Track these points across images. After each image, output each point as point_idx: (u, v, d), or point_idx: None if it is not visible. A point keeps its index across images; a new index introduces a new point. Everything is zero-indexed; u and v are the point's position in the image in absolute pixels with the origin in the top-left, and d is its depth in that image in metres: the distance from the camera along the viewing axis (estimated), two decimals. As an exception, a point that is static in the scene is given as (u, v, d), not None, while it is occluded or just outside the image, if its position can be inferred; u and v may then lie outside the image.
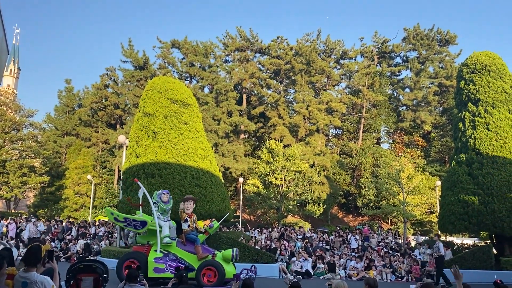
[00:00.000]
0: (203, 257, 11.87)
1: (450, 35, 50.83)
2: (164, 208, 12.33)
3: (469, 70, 19.18)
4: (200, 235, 12.56)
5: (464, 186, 17.48)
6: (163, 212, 12.30)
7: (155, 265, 11.67)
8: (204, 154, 18.23)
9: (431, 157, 47.28)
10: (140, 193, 12.59)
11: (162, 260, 11.82)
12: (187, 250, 12.10)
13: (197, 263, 11.80)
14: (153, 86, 18.49)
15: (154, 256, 11.83)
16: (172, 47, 47.14)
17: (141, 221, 11.86)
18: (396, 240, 24.75)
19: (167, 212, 12.50)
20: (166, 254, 11.92)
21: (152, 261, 11.73)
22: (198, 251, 11.94)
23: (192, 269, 11.68)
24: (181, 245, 12.22)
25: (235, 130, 45.23)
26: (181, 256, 11.97)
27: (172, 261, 11.84)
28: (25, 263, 4.35)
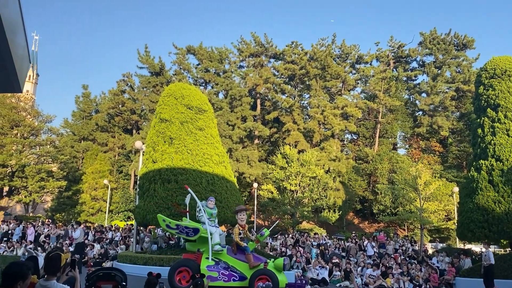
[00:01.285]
0: (255, 265, 11.54)
1: (467, 39, 50.13)
2: (211, 212, 12.21)
3: (488, 75, 18.85)
4: (250, 243, 12.27)
5: (484, 193, 17.13)
6: (210, 216, 12.13)
7: (208, 273, 11.31)
8: (219, 160, 18.28)
9: (448, 163, 46.54)
10: (187, 200, 12.53)
11: (215, 268, 11.52)
12: (238, 259, 11.79)
13: (249, 272, 11.47)
14: (170, 92, 18.63)
15: (206, 264, 11.53)
16: (187, 53, 47.53)
17: (193, 228, 11.66)
18: (413, 247, 24.37)
19: (214, 217, 12.40)
20: (217, 262, 11.66)
21: (205, 269, 11.40)
22: (250, 260, 11.60)
23: (244, 277, 11.45)
24: (231, 253, 11.95)
25: (249, 135, 45.25)
26: (232, 264, 11.68)
27: (225, 270, 11.54)
28: (45, 271, 4.38)
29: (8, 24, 3.91)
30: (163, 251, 18.24)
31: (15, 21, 4.29)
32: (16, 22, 4.36)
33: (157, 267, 15.12)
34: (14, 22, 4.23)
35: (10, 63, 4.57)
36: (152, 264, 15.73)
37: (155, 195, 16.90)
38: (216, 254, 11.68)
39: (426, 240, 31.82)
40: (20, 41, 4.75)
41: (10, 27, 4.06)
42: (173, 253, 17.07)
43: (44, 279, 4.26)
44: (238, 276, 11.47)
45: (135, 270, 15.50)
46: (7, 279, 3.57)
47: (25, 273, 3.63)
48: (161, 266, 15.28)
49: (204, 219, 11.75)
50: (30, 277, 3.72)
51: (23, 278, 3.60)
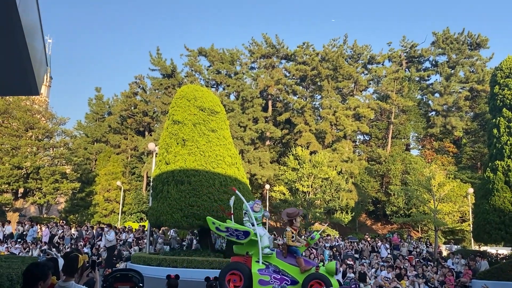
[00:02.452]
0: (307, 269, 11.13)
1: (481, 38, 49.50)
2: (256, 216, 12.15)
3: (504, 75, 18.61)
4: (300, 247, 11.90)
5: (501, 194, 16.90)
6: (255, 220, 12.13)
7: (260, 277, 11.03)
8: (231, 161, 18.28)
9: (463, 163, 45.96)
10: (231, 202, 12.48)
11: (266, 272, 11.15)
12: (288, 262, 11.42)
13: (300, 276, 11.12)
14: (182, 94, 18.70)
15: (257, 267, 11.16)
16: (199, 55, 47.73)
17: (244, 231, 11.31)
18: (427, 249, 24.10)
19: (259, 221, 12.31)
20: (268, 265, 11.32)
21: (257, 272, 11.05)
22: (301, 263, 11.22)
23: (295, 281, 11.13)
24: (281, 256, 11.58)
25: (260, 136, 45.24)
26: (283, 268, 11.31)
27: (276, 273, 11.18)
28: (64, 272, 4.42)
29: (27, 29, 3.96)
30: (176, 252, 18.30)
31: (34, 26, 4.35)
32: (35, 27, 4.42)
33: (171, 268, 15.17)
34: (33, 27, 4.29)
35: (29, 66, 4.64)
36: (165, 265, 15.79)
37: (168, 197, 16.95)
38: (265, 258, 11.35)
39: (441, 242, 31.45)
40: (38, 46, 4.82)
41: (30, 32, 4.12)
42: (186, 254, 17.13)
43: (62, 280, 4.30)
44: (290, 280, 11.13)
45: (149, 271, 15.58)
46: (29, 279, 3.62)
47: (46, 273, 3.67)
48: (175, 267, 15.33)
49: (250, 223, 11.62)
50: (50, 277, 3.76)
51: (44, 278, 3.64)
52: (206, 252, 17.36)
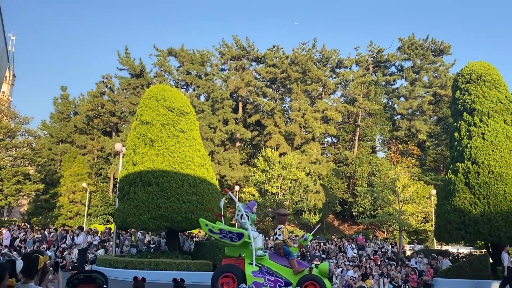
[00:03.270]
0: (300, 271, 11.21)
1: (444, 45, 51.31)
2: (253, 217, 12.04)
3: (465, 80, 19.34)
4: (292, 248, 11.99)
5: (461, 195, 17.51)
6: (252, 223, 12.00)
7: (254, 279, 10.99)
8: (201, 162, 18.22)
9: (426, 165, 47.45)
10: (222, 203, 12.29)
11: (260, 274, 11.14)
12: (281, 264, 11.42)
13: (294, 278, 11.16)
14: (151, 94, 18.50)
15: (251, 269, 11.13)
16: (168, 55, 47.26)
17: (237, 233, 11.21)
18: (392, 249, 24.73)
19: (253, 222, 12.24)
20: (261, 267, 11.30)
21: (250, 275, 11.01)
22: (294, 265, 11.26)
23: (288, 283, 11.16)
24: (274, 258, 11.58)
25: (231, 138, 45.23)
26: (276, 269, 11.32)
27: (270, 275, 11.19)
28: (23, 274, 4.30)
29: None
30: (143, 254, 18.05)
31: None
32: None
33: (137, 271, 14.98)
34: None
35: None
36: (132, 267, 15.57)
37: (135, 198, 16.72)
38: (258, 259, 11.34)
39: (405, 242, 32.31)
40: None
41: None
42: (153, 256, 16.93)
43: (21, 282, 4.19)
44: (283, 282, 11.17)
45: (115, 274, 15.31)
46: None
47: (2, 274, 3.57)
48: (142, 270, 15.15)
49: (247, 225, 11.39)
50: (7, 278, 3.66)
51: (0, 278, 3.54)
52: (174, 254, 17.22)
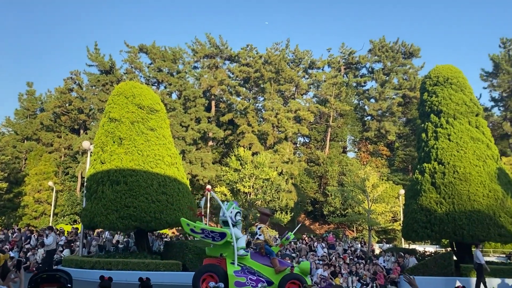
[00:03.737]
0: (281, 270, 11.29)
1: (414, 48, 52.60)
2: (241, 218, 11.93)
3: (432, 83, 19.82)
4: (274, 247, 12.03)
5: (427, 195, 17.94)
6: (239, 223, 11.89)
7: (236, 279, 11.02)
8: (171, 161, 17.95)
9: (395, 166, 48.53)
10: (202, 202, 12.08)
11: (242, 273, 11.18)
12: (262, 263, 11.48)
13: (276, 277, 11.23)
14: (120, 91, 18.09)
15: (233, 269, 11.18)
16: (139, 52, 46.51)
17: (220, 232, 11.25)
18: (362, 248, 25.11)
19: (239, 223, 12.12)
20: (243, 267, 11.33)
21: (233, 274, 11.06)
22: (276, 264, 11.36)
23: (270, 282, 11.18)
24: (255, 257, 11.62)
25: (203, 137, 44.92)
26: (257, 269, 11.36)
27: (252, 275, 11.22)
28: None
29: None
30: (111, 254, 17.66)
31: None
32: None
33: (105, 271, 14.63)
34: None
35: None
36: (99, 268, 15.20)
37: (103, 197, 16.32)
38: (240, 259, 11.34)
39: (374, 241, 32.91)
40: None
41: None
42: (121, 256, 16.58)
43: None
44: (265, 281, 11.20)
45: (81, 274, 14.94)
46: None
47: None
48: (109, 270, 14.82)
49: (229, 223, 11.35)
50: None
51: None
52: (143, 254, 16.92)
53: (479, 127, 18.87)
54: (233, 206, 11.75)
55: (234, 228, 11.43)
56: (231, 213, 11.60)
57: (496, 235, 16.81)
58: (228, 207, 11.71)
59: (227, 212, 11.52)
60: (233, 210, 11.68)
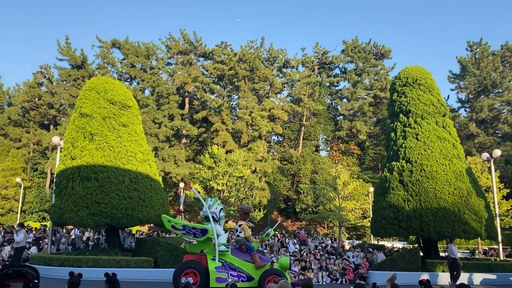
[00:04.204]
0: (262, 265, 11.43)
1: (385, 49, 53.77)
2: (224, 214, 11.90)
3: (402, 83, 20.38)
4: (254, 243, 12.13)
5: (395, 192, 18.47)
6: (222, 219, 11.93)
7: (217, 275, 11.09)
8: (143, 158, 17.84)
9: (365, 164, 49.56)
10: (182, 199, 12.00)
11: (223, 269, 11.27)
12: (243, 259, 11.58)
13: (255, 272, 11.34)
14: (91, 86, 17.83)
15: (214, 265, 11.25)
16: (112, 47, 45.69)
17: (201, 229, 11.25)
18: (332, 244, 25.59)
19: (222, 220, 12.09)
20: (224, 263, 11.42)
21: (214, 270, 11.13)
22: (256, 260, 11.48)
23: (251, 278, 11.26)
24: (236, 253, 11.72)
25: (176, 134, 44.60)
26: (238, 265, 11.45)
27: (233, 271, 11.32)
28: None
29: None
30: (81, 252, 17.43)
31: None
32: None
33: (75, 268, 14.43)
34: None
35: None
36: (68, 265, 14.99)
37: (73, 194, 16.08)
38: (220, 255, 11.41)
39: (344, 237, 33.56)
40: None
41: None
42: (91, 254, 16.39)
43: None
44: (246, 277, 11.31)
45: (50, 272, 14.72)
46: None
47: None
48: (79, 267, 14.64)
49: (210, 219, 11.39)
50: None
51: None
52: (113, 251, 16.78)
53: (446, 127, 19.55)
54: (217, 202, 11.91)
55: (216, 225, 11.56)
56: (216, 209, 11.74)
57: (460, 231, 17.48)
58: (213, 204, 11.86)
59: (209, 209, 11.64)
60: (217, 206, 11.84)
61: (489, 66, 49.04)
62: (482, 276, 17.15)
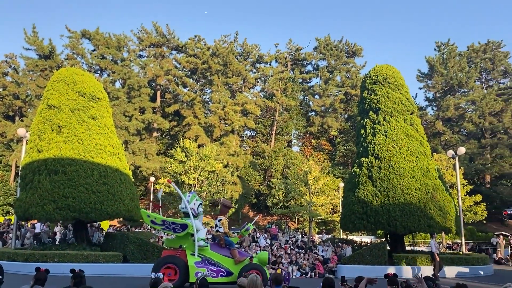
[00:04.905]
0: (241, 260, 11.50)
1: (356, 48, 54.60)
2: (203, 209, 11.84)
3: (372, 81, 20.79)
4: (233, 238, 12.19)
5: (364, 187, 18.86)
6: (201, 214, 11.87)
7: (197, 270, 11.07)
8: (113, 151, 17.55)
9: (336, 160, 50.35)
10: (159, 194, 11.88)
11: (202, 264, 11.28)
12: (222, 254, 11.62)
13: (235, 267, 11.39)
14: (60, 77, 17.37)
15: (193, 260, 11.23)
16: (82, 38, 44.49)
17: (181, 224, 11.19)
18: (302, 239, 25.92)
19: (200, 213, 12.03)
20: (203, 258, 11.42)
21: (193, 265, 11.12)
22: (235, 255, 11.55)
23: (230, 273, 11.27)
24: (215, 248, 11.72)
25: (147, 127, 44.00)
26: (217, 260, 11.49)
27: (212, 265, 11.35)
28: None
29: None
30: (47, 247, 17.02)
31: None
32: None
33: (40, 264, 14.07)
34: None
35: None
36: (34, 260, 14.63)
37: (40, 187, 15.65)
38: (200, 250, 11.40)
39: (314, 231, 34.02)
40: None
41: None
42: (58, 248, 16.04)
43: None
44: (225, 272, 11.36)
45: (14, 267, 14.33)
46: None
47: None
48: (45, 262, 14.30)
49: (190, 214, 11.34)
50: None
51: None
52: (81, 246, 16.47)
53: (414, 125, 20.07)
54: (196, 197, 11.93)
55: (195, 220, 11.57)
56: (194, 204, 11.73)
57: (426, 226, 18.03)
58: (191, 199, 11.84)
59: (189, 203, 11.64)
60: (195, 201, 11.84)
61: (456, 66, 50.62)
62: (457, 269, 17.81)
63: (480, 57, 52.28)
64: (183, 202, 11.79)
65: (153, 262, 15.20)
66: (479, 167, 45.52)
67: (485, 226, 40.01)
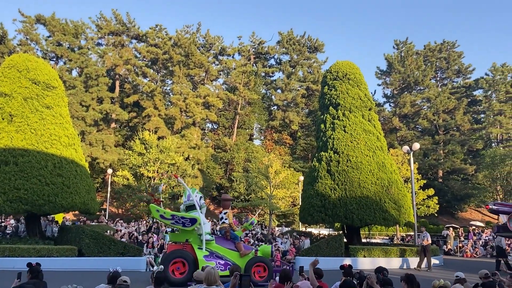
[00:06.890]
0: (246, 253, 11.60)
1: (318, 43, 55.34)
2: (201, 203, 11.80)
3: (332, 77, 21.17)
4: (237, 231, 12.26)
5: (323, 181, 19.25)
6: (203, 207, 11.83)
7: (206, 263, 10.89)
8: (68, 142, 16.97)
9: (297, 154, 51.06)
10: (160, 188, 11.57)
11: (211, 258, 11.33)
12: (227, 247, 11.67)
13: (241, 260, 11.46)
14: (12, 64, 16.57)
15: (202, 254, 11.28)
16: (36, 23, 42.50)
17: (190, 218, 11.12)
18: (262, 231, 26.17)
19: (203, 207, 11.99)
20: (210, 251, 11.47)
21: (202, 259, 11.13)
22: (240, 248, 11.64)
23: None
24: (220, 242, 11.75)
25: (105, 118, 42.77)
26: (223, 253, 11.54)
27: (220, 259, 11.40)
28: None
29: None
30: (-4, 241, 16.26)
31: None
32: None
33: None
34: None
35: None
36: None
37: (-11, 179, 14.93)
38: (206, 244, 11.47)
39: (274, 224, 34.43)
40: None
41: None
42: (8, 242, 15.38)
43: None
44: (232, 265, 11.28)
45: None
46: None
47: None
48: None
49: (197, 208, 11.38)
50: None
51: None
52: (34, 239, 15.88)
53: (371, 120, 20.65)
54: (196, 191, 12.07)
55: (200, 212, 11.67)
56: (195, 197, 11.75)
57: (381, 219, 18.66)
58: (192, 192, 11.95)
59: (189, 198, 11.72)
60: (197, 194, 11.96)
61: (413, 64, 52.42)
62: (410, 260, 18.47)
63: (436, 56, 54.39)
64: (185, 196, 11.91)
65: (109, 256, 14.94)
66: (433, 162, 47.56)
67: (437, 219, 41.94)
